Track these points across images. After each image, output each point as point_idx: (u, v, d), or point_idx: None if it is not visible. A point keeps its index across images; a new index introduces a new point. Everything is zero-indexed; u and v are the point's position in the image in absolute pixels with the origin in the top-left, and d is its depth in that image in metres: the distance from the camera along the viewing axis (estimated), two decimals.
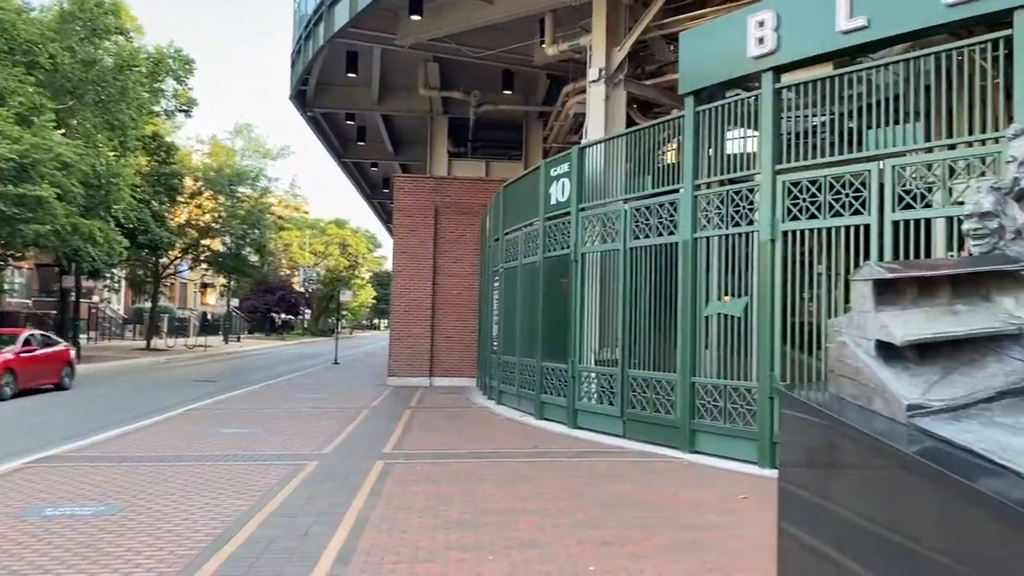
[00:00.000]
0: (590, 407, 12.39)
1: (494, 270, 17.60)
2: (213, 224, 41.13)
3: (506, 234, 16.41)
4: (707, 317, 10.47)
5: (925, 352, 2.38)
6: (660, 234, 11.22)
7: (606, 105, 14.18)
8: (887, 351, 2.34)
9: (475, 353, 20.83)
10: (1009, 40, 7.63)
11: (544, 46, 16.33)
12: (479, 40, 18.82)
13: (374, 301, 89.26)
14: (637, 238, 11.63)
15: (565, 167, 13.40)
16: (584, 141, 14.25)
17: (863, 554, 2.22)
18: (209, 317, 61.54)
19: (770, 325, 9.44)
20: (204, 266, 46.19)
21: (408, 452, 10.38)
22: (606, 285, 12.76)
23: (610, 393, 11.94)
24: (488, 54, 19.56)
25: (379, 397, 17.78)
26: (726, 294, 10.34)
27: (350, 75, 21.26)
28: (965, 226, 2.61)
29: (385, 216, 39.45)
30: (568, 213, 13.20)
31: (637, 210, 11.67)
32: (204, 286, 68.44)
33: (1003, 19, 7.76)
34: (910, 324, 2.31)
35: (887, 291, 2.37)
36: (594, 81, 14.31)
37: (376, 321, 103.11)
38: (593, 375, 12.55)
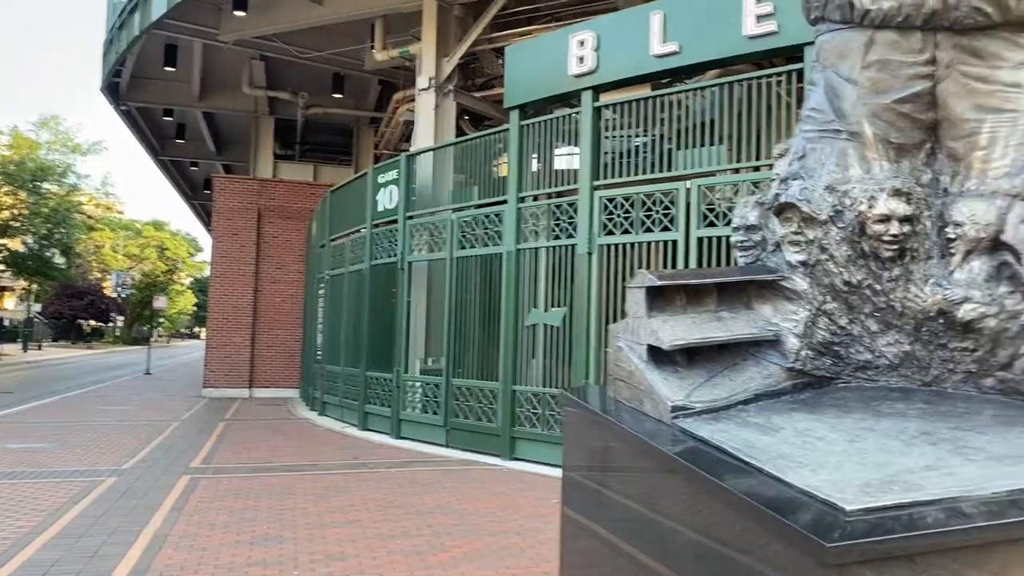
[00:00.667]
0: (414, 417, 12.29)
1: (320, 277, 17.17)
2: (12, 222, 37.65)
3: (332, 240, 16.05)
4: (532, 327, 10.68)
5: (693, 356, 2.49)
6: (486, 244, 11.33)
7: (435, 114, 14.19)
8: (657, 355, 2.44)
9: (299, 363, 20.21)
10: (801, 72, 8.28)
11: (375, 51, 16.15)
12: (308, 41, 18.36)
13: (194, 308, 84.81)
14: (464, 248, 11.70)
15: (393, 174, 13.28)
16: (413, 149, 14.20)
17: (636, 538, 2.29)
18: (7, 323, 56.28)
19: (586, 334, 9.74)
20: (1, 268, 42.19)
21: (218, 466, 9.87)
22: (433, 294, 12.75)
23: (434, 402, 11.90)
24: (318, 56, 19.11)
25: (192, 409, 16.84)
26: (553, 305, 10.59)
27: (168, 69, 20.12)
28: (733, 238, 2.77)
29: (207, 219, 37.59)
30: (395, 221, 13.08)
31: (464, 220, 11.74)
32: (1, 289, 62.55)
33: (797, 52, 8.43)
34: (678, 329, 2.41)
35: (658, 298, 2.47)
36: (424, 89, 14.30)
37: (196, 329, 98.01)
38: (418, 384, 12.47)
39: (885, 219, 2.40)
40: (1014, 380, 2.31)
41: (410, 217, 12.80)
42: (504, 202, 11.08)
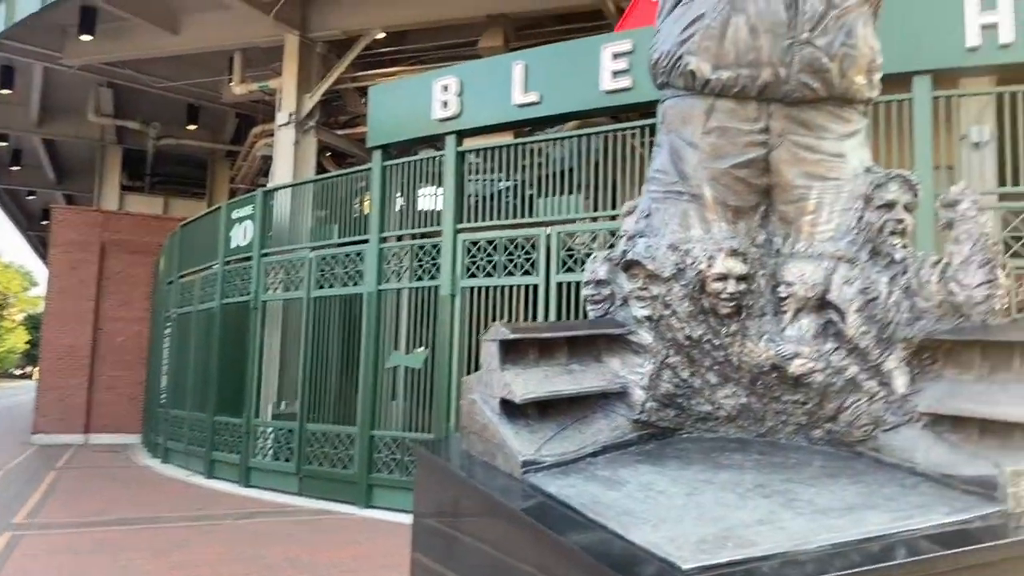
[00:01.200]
0: (265, 464, 11.80)
1: (166, 316, 16.31)
2: None
3: (181, 277, 15.32)
4: (393, 369, 10.53)
5: (545, 409, 2.51)
6: (345, 284, 11.13)
7: (295, 150, 13.92)
8: (510, 409, 2.44)
9: (142, 407, 19.03)
10: (653, 127, 8.68)
11: (233, 84, 15.71)
12: (162, 70, 17.63)
13: (27, 346, 78.53)
14: (322, 287, 11.44)
15: (249, 209, 12.87)
16: (270, 184, 13.84)
17: None
18: None
19: (448, 376, 9.69)
20: None
21: (45, 521, 9.09)
22: (288, 335, 12.36)
23: (287, 449, 11.47)
24: (172, 85, 18.37)
25: (18, 458, 15.50)
26: (415, 347, 10.49)
27: (3, 91, 18.79)
28: (584, 292, 2.83)
29: (44, 251, 35.13)
30: (250, 258, 12.65)
31: (323, 259, 11.50)
32: None
33: (650, 108, 8.83)
34: (530, 383, 2.43)
35: (512, 351, 2.48)
36: (283, 125, 14.02)
37: (29, 369, 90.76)
38: (270, 430, 11.99)
39: (723, 277, 2.52)
40: (839, 432, 2.45)
41: (265, 254, 12.42)
42: (366, 241, 10.94)
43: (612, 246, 2.89)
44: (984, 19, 7.30)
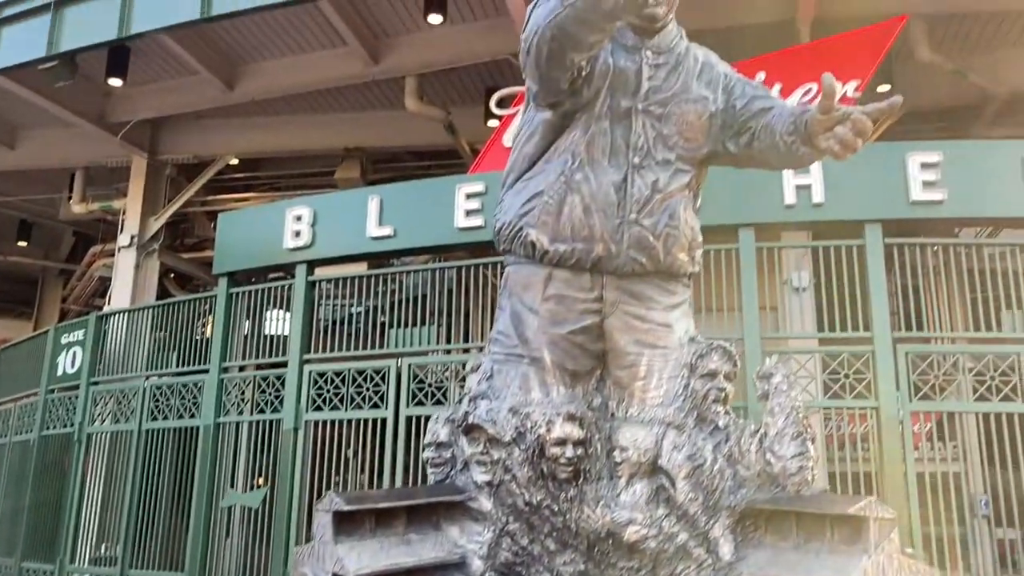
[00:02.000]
0: None
1: None
2: None
3: None
4: (229, 508, 9.89)
5: None
6: (181, 416, 10.51)
7: (136, 273, 13.32)
8: None
9: None
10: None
11: (72, 202, 15.02)
12: None
13: None
14: (156, 419, 10.74)
15: (80, 334, 12.06)
16: (106, 308, 13.11)
17: None
18: None
19: (288, 516, 9.20)
20: None
21: None
22: (114, 471, 11.43)
23: None
24: (3, 200, 17.33)
25: None
26: (254, 483, 9.94)
27: None
28: (424, 455, 2.81)
29: None
30: (77, 386, 11.77)
31: (159, 388, 10.86)
32: None
33: None
34: (364, 556, 2.35)
35: (346, 522, 2.40)
36: (125, 247, 13.44)
37: None
38: None
39: (561, 442, 2.57)
40: None
41: (95, 383, 11.60)
42: (206, 371, 10.45)
43: (464, 379, 2.91)
44: (799, 180, 8.10)
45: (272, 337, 10.68)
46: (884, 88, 10.30)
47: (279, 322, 10.79)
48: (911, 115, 10.88)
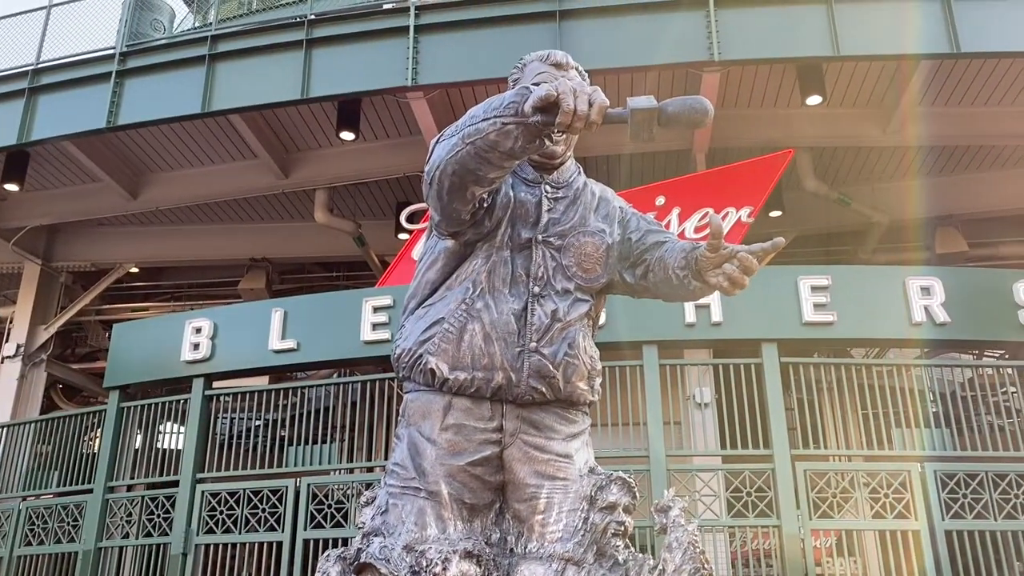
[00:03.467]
0: None
1: None
2: None
3: None
4: None
5: None
6: (59, 541, 9.76)
7: (19, 384, 12.58)
8: None
9: None
10: None
11: None
12: None
13: None
14: (31, 544, 9.94)
15: None
16: None
17: None
18: None
19: None
20: None
21: None
22: None
23: None
24: None
25: None
26: None
27: None
28: None
29: None
30: None
31: (35, 511, 10.10)
32: None
33: None
34: None
35: None
36: (10, 357, 12.72)
37: None
38: None
39: None
40: None
41: None
42: (90, 491, 9.79)
43: (367, 503, 2.78)
44: (699, 300, 8.39)
45: (164, 452, 10.17)
46: (776, 214, 10.93)
47: (173, 436, 10.30)
48: (802, 239, 11.54)
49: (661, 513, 2.53)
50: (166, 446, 10.54)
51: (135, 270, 13.66)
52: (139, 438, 10.33)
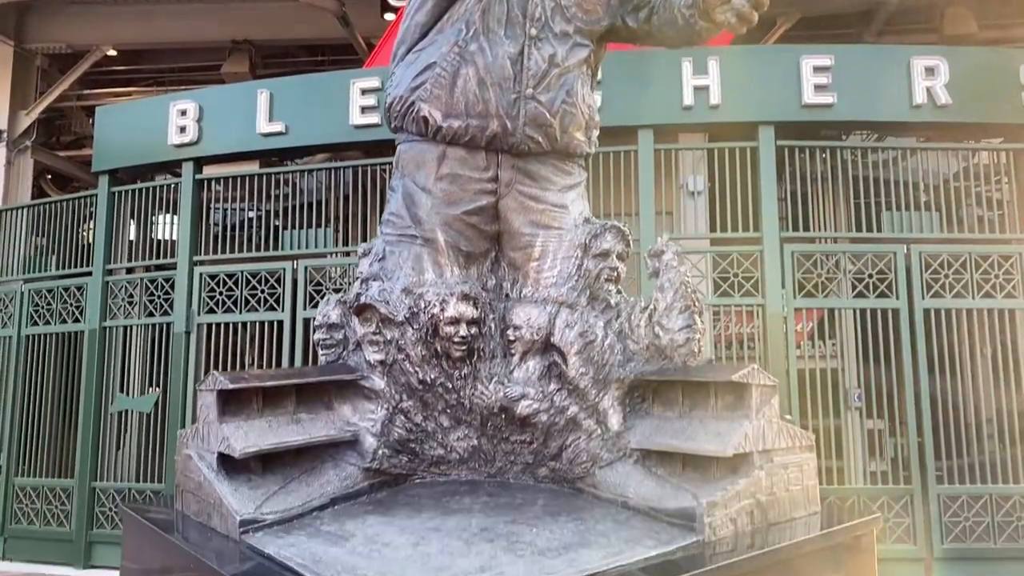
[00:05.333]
0: None
1: None
2: None
3: None
4: (121, 414, 9.61)
5: (269, 463, 2.38)
6: (64, 321, 10.04)
7: (7, 171, 12.43)
8: (229, 464, 2.29)
9: None
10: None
11: None
12: None
13: None
14: (36, 324, 10.23)
15: None
16: None
17: None
18: None
19: (181, 421, 9.01)
20: None
21: None
22: None
23: None
24: None
25: None
26: (146, 389, 9.65)
27: None
28: (315, 336, 2.74)
29: None
30: None
31: (38, 293, 10.31)
32: None
33: None
34: (252, 435, 2.29)
35: (232, 401, 2.33)
36: None
37: None
38: None
39: (455, 321, 2.54)
40: (562, 469, 2.55)
41: None
42: (89, 274, 9.96)
43: (364, 253, 2.83)
44: (697, 81, 8.14)
45: (161, 242, 10.26)
46: None
47: (168, 226, 10.35)
48: (806, 21, 11.04)
49: (654, 258, 2.56)
50: (162, 236, 10.61)
51: (113, 53, 13.09)
52: (133, 228, 10.37)
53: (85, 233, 10.58)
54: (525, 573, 1.84)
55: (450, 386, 2.59)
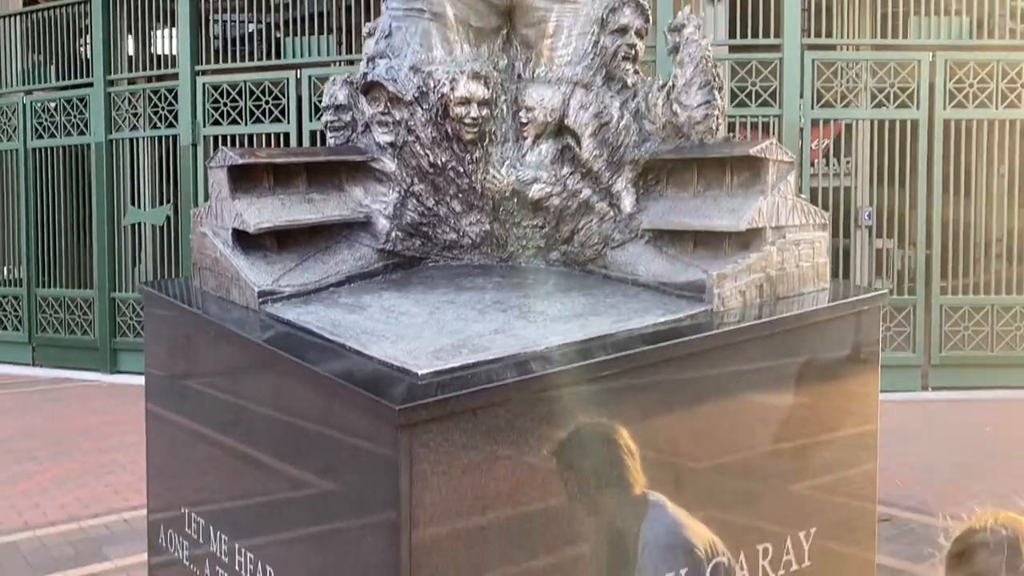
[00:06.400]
0: None
1: None
2: None
3: None
4: (134, 227, 9.73)
5: (284, 241, 2.40)
6: (70, 134, 9.95)
7: None
8: (244, 240, 2.30)
9: None
10: None
11: None
12: None
13: None
14: (42, 137, 10.15)
15: None
16: None
17: (222, 426, 2.20)
18: None
19: None
20: None
21: None
22: (4, 192, 10.95)
23: (15, 317, 10.39)
24: None
25: None
26: (156, 202, 9.70)
27: None
28: (323, 118, 2.69)
29: None
30: None
31: (41, 105, 10.16)
32: None
33: None
34: (265, 211, 2.29)
35: (243, 178, 2.31)
36: None
37: None
38: None
39: (465, 102, 2.47)
40: (573, 252, 2.56)
41: None
42: (90, 85, 9.75)
43: (370, 33, 2.73)
44: None
45: (161, 56, 9.99)
46: None
47: (166, 39, 10.05)
48: None
49: (674, 32, 2.45)
50: (161, 51, 10.30)
51: None
52: (131, 43, 10.05)
53: (82, 48, 10.25)
54: (538, 335, 1.89)
55: (461, 170, 2.56)
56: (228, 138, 9.03)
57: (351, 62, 8.89)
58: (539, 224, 2.58)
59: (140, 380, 8.17)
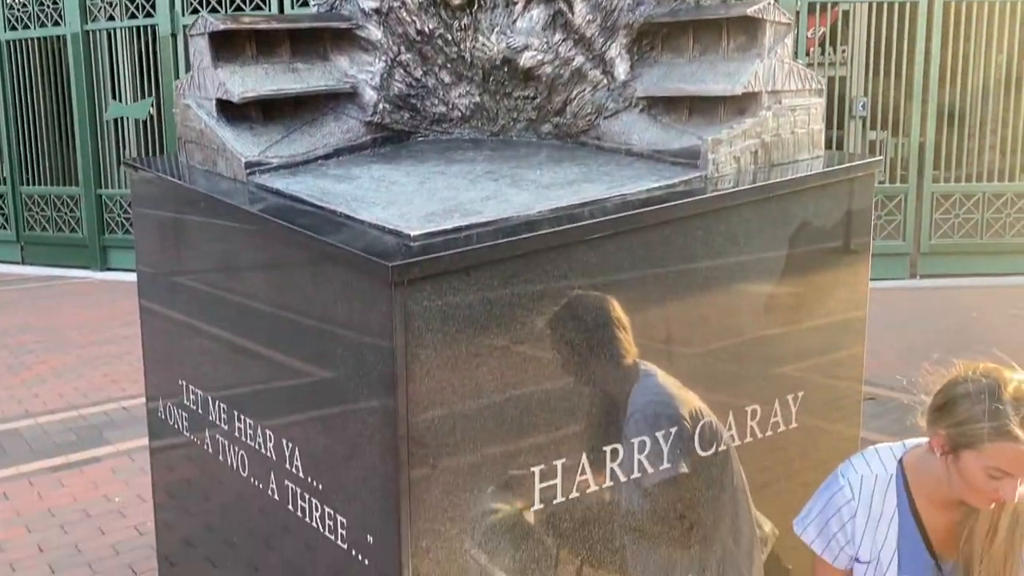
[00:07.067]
0: None
1: None
2: None
3: None
4: (117, 121, 9.52)
5: (269, 112, 2.35)
6: (44, 24, 9.62)
7: None
8: (229, 111, 2.25)
9: None
10: None
11: None
12: None
13: None
14: (15, 29, 9.82)
15: None
16: None
17: (212, 315, 2.21)
18: None
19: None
20: None
21: None
22: None
23: (1, 216, 10.30)
24: None
25: None
26: (138, 95, 9.47)
27: None
28: None
29: None
30: None
31: None
32: None
33: None
34: (248, 80, 2.23)
35: (225, 46, 2.24)
36: None
37: None
38: None
39: None
40: (566, 124, 2.51)
41: None
42: None
43: None
44: None
45: None
46: None
47: None
48: None
49: None
50: None
51: None
52: None
53: None
54: (530, 200, 1.87)
55: (450, 38, 2.48)
56: None
57: None
58: (530, 95, 2.52)
59: (131, 277, 8.18)
